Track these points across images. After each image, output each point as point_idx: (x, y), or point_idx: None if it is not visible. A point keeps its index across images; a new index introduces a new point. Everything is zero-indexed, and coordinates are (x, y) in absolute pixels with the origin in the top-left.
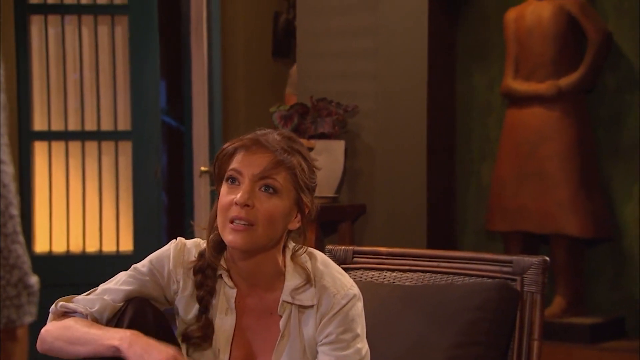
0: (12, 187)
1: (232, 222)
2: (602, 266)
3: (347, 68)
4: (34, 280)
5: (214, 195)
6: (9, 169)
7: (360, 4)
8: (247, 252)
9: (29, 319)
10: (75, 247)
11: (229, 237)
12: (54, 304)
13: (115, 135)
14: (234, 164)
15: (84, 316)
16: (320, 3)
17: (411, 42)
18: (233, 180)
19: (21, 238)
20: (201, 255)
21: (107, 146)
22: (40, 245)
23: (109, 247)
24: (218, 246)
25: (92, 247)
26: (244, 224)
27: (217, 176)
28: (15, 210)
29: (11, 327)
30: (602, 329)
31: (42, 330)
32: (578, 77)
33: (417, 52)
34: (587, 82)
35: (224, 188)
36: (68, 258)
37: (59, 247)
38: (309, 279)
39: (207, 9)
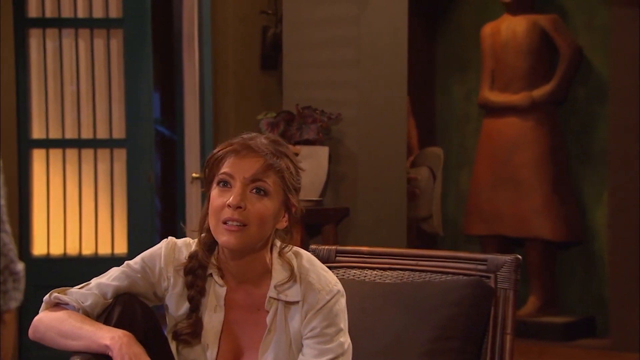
0: (0, 179)
1: (225, 223)
2: (573, 268)
3: (330, 78)
4: (20, 267)
5: (204, 198)
6: None
7: (343, 18)
8: (239, 252)
9: (14, 304)
10: (72, 249)
11: (223, 237)
12: (47, 294)
13: (110, 143)
14: (225, 167)
15: (76, 309)
16: (305, 16)
17: (392, 54)
18: (225, 183)
19: (7, 227)
20: (192, 257)
21: (103, 153)
22: (39, 248)
23: (104, 249)
24: (209, 246)
25: (88, 250)
26: (237, 225)
27: (207, 179)
28: (2, 200)
29: None
30: (574, 327)
31: (35, 319)
32: (550, 89)
33: (397, 64)
34: (559, 94)
35: (215, 191)
36: (65, 260)
37: (57, 250)
38: (293, 274)
39: (198, 24)
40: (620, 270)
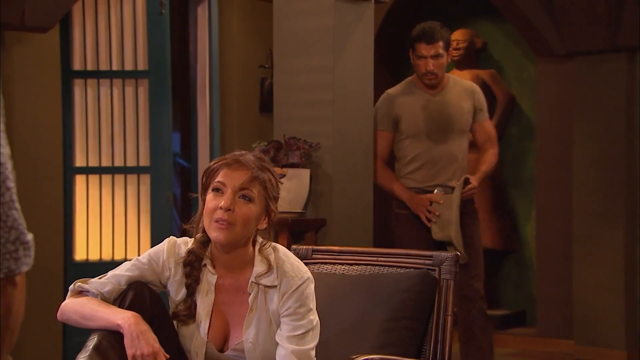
0: (9, 165)
1: (216, 221)
2: (509, 271)
3: (311, 114)
4: (29, 237)
5: (196, 203)
6: (6, 151)
7: (321, 67)
8: (227, 246)
9: (25, 268)
10: (106, 255)
11: (214, 233)
12: (72, 284)
13: (137, 170)
14: (219, 177)
15: (95, 295)
16: (291, 66)
17: (360, 95)
18: (218, 190)
19: (17, 205)
20: (190, 252)
21: (131, 178)
22: (79, 254)
23: (132, 255)
24: (204, 243)
25: (119, 256)
26: (226, 224)
27: (203, 186)
28: (11, 183)
29: (11, 275)
30: (509, 318)
31: (62, 304)
32: None
33: (365, 103)
34: (497, 132)
35: (210, 196)
36: (100, 264)
37: (94, 256)
38: (271, 268)
39: (209, 76)
40: (545, 273)
